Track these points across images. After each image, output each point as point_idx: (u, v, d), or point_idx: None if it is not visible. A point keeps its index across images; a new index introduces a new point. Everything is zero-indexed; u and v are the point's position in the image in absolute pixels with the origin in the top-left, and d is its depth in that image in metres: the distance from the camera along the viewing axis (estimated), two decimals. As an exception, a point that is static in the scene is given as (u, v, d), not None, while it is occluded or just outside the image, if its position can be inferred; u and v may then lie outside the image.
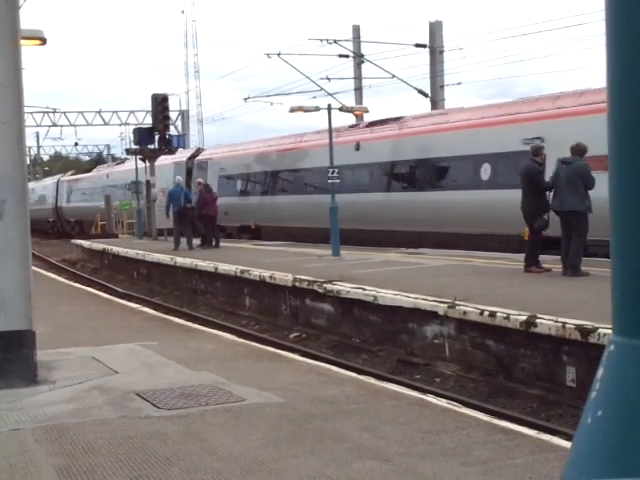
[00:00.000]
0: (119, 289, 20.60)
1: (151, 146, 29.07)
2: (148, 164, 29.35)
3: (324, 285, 13.39)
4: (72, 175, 54.28)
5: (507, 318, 9.43)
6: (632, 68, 1.47)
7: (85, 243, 30.82)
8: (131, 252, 24.04)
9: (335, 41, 32.69)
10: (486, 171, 18.75)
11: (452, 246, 18.73)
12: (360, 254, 18.70)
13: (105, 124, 53.95)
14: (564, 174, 12.24)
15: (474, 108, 20.90)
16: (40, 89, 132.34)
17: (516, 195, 13.42)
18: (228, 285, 17.33)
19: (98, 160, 70.55)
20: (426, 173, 21.06)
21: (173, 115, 45.47)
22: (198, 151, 35.70)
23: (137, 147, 29.87)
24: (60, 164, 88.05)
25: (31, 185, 60.45)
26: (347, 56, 34.02)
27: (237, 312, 16.30)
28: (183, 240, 23.37)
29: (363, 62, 34.77)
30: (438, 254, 17.64)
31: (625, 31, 1.48)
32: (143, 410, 6.47)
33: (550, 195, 12.61)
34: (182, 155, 34.02)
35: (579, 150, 12.35)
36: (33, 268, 8.50)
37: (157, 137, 28.72)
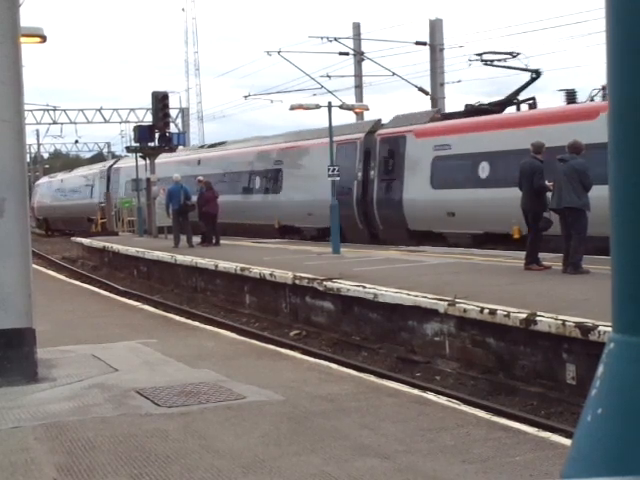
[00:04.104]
0: (119, 287, 20.60)
1: (151, 144, 29.11)
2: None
3: (324, 283, 13.39)
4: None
5: (507, 316, 9.43)
6: (632, 67, 1.47)
7: (85, 241, 30.80)
8: (131, 250, 24.03)
9: (335, 39, 32.63)
10: None
11: None
12: (360, 252, 18.70)
13: (105, 122, 53.88)
14: (562, 171, 12.26)
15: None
16: (40, 87, 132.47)
17: None
18: (228, 283, 17.33)
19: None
20: None
21: (173, 113, 45.49)
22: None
23: (137, 145, 29.93)
24: (60, 162, 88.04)
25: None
26: (347, 54, 33.95)
27: (237, 310, 16.30)
28: (183, 238, 23.38)
29: (363, 60, 34.72)
30: (438, 252, 17.64)
31: (625, 29, 1.48)
32: (143, 408, 6.47)
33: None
34: None
35: (576, 148, 12.33)
36: (33, 266, 8.50)
37: (157, 135, 28.77)
